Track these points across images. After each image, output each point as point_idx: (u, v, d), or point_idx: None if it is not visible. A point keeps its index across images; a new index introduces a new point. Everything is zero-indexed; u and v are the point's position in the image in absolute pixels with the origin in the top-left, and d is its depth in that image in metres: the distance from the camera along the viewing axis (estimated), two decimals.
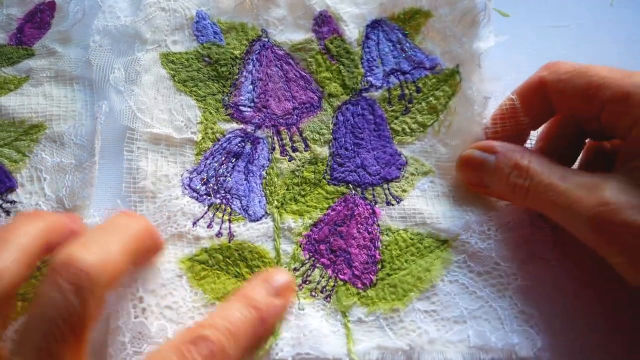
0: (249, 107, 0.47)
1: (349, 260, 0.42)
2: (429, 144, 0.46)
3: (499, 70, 0.47)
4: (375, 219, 0.44)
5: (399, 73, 0.48)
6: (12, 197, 0.43)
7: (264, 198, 0.44)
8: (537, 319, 0.40)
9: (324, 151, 0.46)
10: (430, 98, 0.47)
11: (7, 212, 0.42)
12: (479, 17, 0.48)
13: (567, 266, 0.42)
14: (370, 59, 0.48)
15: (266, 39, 0.49)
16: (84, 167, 0.44)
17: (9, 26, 0.49)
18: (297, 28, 0.49)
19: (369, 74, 0.48)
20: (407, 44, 0.49)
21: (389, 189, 0.45)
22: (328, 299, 0.41)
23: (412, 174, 0.45)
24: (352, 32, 0.49)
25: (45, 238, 0.35)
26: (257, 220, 0.43)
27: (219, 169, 0.45)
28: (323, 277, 0.42)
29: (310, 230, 0.43)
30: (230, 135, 0.46)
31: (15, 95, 0.46)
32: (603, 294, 0.41)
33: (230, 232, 0.43)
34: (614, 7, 0.55)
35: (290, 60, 0.48)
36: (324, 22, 0.49)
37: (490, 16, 0.48)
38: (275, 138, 0.46)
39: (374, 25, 0.49)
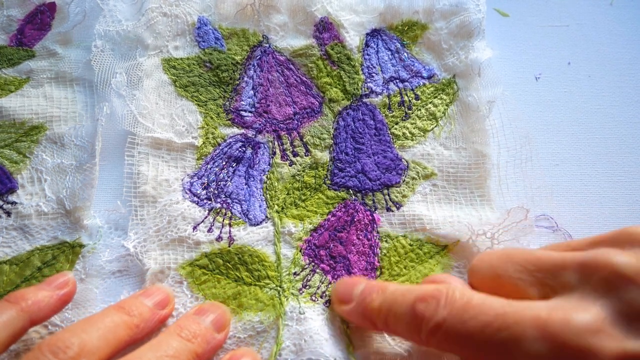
0: (250, 112, 0.47)
1: (348, 266, 0.42)
2: (431, 146, 0.47)
3: (496, 75, 0.48)
4: (375, 226, 0.44)
5: (397, 81, 0.49)
6: (12, 198, 0.43)
7: (264, 202, 0.44)
8: None
9: (324, 156, 0.46)
10: (429, 105, 0.48)
11: (8, 213, 0.42)
12: (474, 31, 0.48)
13: None
14: (370, 66, 0.49)
15: (267, 45, 0.49)
16: (85, 169, 0.44)
17: (9, 27, 0.49)
18: (298, 34, 0.49)
19: (369, 80, 0.48)
20: (405, 54, 0.49)
21: (388, 195, 0.45)
22: (327, 304, 0.41)
23: (413, 178, 0.46)
24: (353, 39, 0.49)
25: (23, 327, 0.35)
26: (258, 224, 0.43)
27: (220, 174, 0.45)
28: (323, 283, 0.42)
29: (311, 235, 0.43)
30: (231, 140, 0.46)
31: (16, 96, 0.46)
32: None
33: (230, 236, 0.43)
34: (614, 6, 0.55)
35: (291, 66, 0.49)
36: (325, 29, 0.49)
37: (484, 31, 0.49)
38: (276, 143, 0.46)
39: (374, 33, 0.50)
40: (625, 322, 0.29)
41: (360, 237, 0.43)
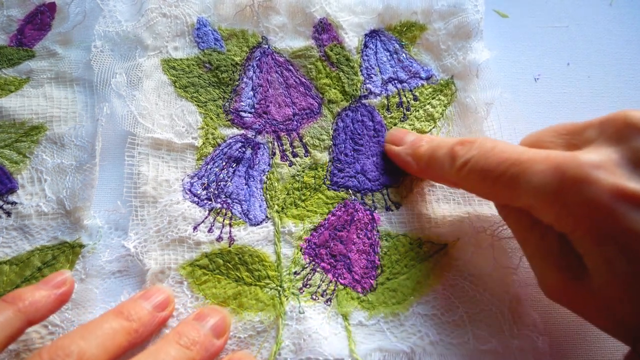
0: (250, 112, 0.47)
1: (349, 265, 0.43)
2: None
3: (494, 77, 0.48)
4: (375, 225, 0.44)
5: (396, 81, 0.49)
6: (13, 198, 0.43)
7: (264, 202, 0.44)
8: (537, 322, 0.40)
9: (324, 157, 0.46)
10: (427, 106, 0.48)
11: (8, 214, 0.42)
12: (472, 32, 0.48)
13: None
14: (369, 67, 0.49)
15: (266, 46, 0.49)
16: (85, 169, 0.44)
17: (9, 27, 0.49)
18: (297, 35, 0.49)
19: (367, 81, 0.48)
20: (404, 55, 0.50)
21: (388, 195, 0.45)
22: (328, 302, 0.41)
23: (412, 179, 0.46)
24: (352, 40, 0.49)
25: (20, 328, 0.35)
26: (258, 224, 0.43)
27: (220, 174, 0.45)
28: (323, 281, 0.42)
29: (311, 235, 0.43)
30: (231, 140, 0.46)
31: (16, 96, 0.46)
32: None
33: (230, 236, 0.43)
34: (613, 7, 0.56)
35: (291, 67, 0.49)
36: (324, 30, 0.49)
37: (482, 32, 0.49)
38: (276, 143, 0.46)
39: (372, 34, 0.50)
40: (631, 166, 0.31)
41: (361, 236, 0.44)
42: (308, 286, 0.42)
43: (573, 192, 0.31)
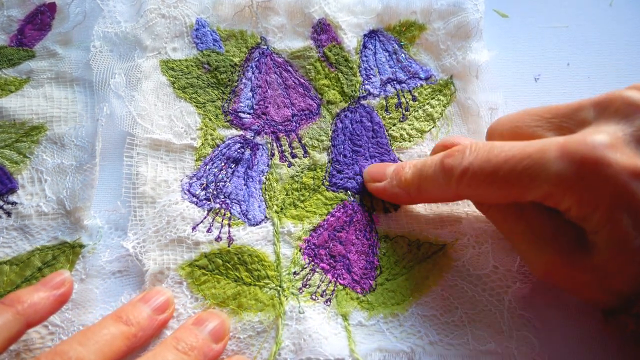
0: (249, 113, 0.47)
1: (348, 265, 0.43)
2: (428, 147, 0.47)
3: (494, 79, 0.48)
4: (374, 226, 0.44)
5: (395, 82, 0.49)
6: (13, 198, 0.43)
7: (263, 203, 0.44)
8: (536, 322, 0.40)
9: (322, 157, 0.46)
10: (427, 106, 0.48)
11: (8, 214, 0.42)
12: (472, 31, 0.48)
13: None
14: (368, 68, 0.49)
15: (265, 47, 0.49)
16: (85, 169, 0.44)
17: (9, 27, 0.49)
18: (296, 36, 0.50)
19: (366, 82, 0.48)
20: (403, 55, 0.50)
21: None
22: (328, 302, 0.41)
23: None
24: (351, 40, 0.49)
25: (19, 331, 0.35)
26: (257, 224, 0.43)
27: (219, 175, 0.45)
28: (323, 282, 0.42)
29: (310, 235, 0.43)
30: (229, 141, 0.46)
31: (16, 96, 0.46)
32: None
33: (229, 236, 0.43)
34: (613, 7, 0.56)
35: (289, 68, 0.49)
36: (323, 30, 0.49)
37: (482, 31, 0.49)
38: (275, 144, 0.46)
39: (371, 35, 0.50)
40: (638, 144, 0.32)
41: (360, 237, 0.44)
42: (307, 286, 0.42)
43: (593, 175, 0.31)
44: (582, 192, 0.32)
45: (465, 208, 0.45)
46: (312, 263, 0.43)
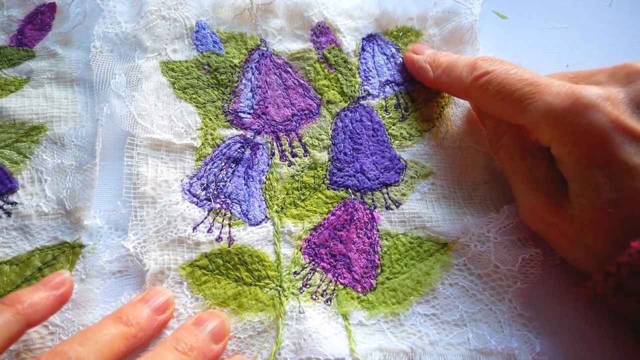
0: (249, 113, 0.47)
1: (348, 264, 0.43)
2: (429, 145, 0.47)
3: None
4: (375, 224, 0.44)
5: (393, 84, 0.49)
6: (13, 198, 0.43)
7: (263, 202, 0.44)
8: (536, 322, 0.40)
9: (323, 156, 0.46)
10: (425, 107, 0.48)
11: (8, 214, 0.42)
12: (466, 35, 0.49)
13: (566, 269, 0.42)
14: (367, 70, 0.49)
15: (265, 48, 0.49)
16: (85, 169, 0.44)
17: (9, 27, 0.49)
18: (295, 38, 0.50)
19: (365, 83, 0.49)
20: (400, 59, 0.50)
21: (388, 194, 0.45)
22: (328, 302, 0.41)
23: (412, 177, 0.46)
24: (350, 43, 0.50)
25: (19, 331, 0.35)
26: (257, 224, 0.43)
27: (219, 175, 0.45)
28: (323, 281, 0.42)
29: (310, 234, 0.43)
30: (230, 141, 0.46)
31: (16, 96, 0.46)
32: None
33: (230, 236, 0.43)
34: (613, 8, 0.56)
35: (289, 69, 0.49)
36: (322, 33, 0.49)
37: (477, 35, 0.49)
38: (275, 144, 0.46)
39: (370, 38, 0.50)
40: (633, 105, 0.35)
41: (360, 235, 0.44)
42: (308, 286, 0.42)
43: (580, 116, 0.35)
44: (563, 128, 0.35)
45: (467, 208, 0.45)
46: (313, 262, 0.43)
